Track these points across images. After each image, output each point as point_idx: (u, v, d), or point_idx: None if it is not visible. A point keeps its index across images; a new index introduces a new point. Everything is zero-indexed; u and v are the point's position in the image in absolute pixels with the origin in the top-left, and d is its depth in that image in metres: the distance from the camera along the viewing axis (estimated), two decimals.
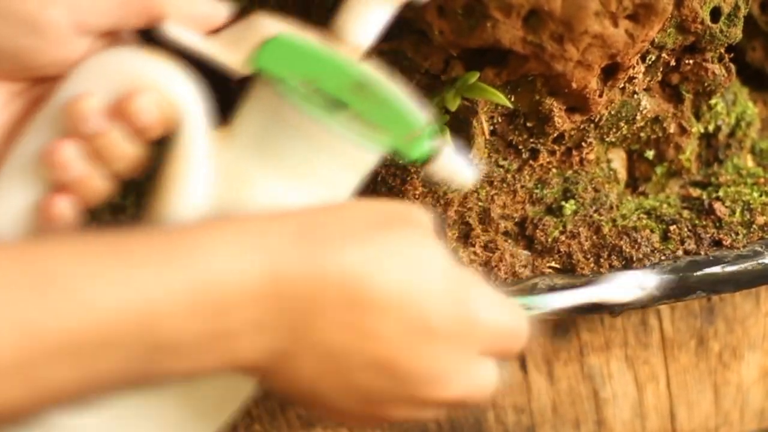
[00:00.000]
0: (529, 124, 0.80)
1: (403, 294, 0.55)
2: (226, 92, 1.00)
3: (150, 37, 0.67)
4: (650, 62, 0.81)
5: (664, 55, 0.81)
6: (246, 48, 0.64)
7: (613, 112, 0.82)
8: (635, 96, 0.82)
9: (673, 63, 0.82)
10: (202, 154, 0.65)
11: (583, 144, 0.83)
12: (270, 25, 0.64)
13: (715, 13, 0.80)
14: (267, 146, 0.65)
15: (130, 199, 0.94)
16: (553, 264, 0.78)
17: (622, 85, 0.80)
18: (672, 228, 0.80)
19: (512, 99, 0.78)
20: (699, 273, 0.77)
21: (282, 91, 0.64)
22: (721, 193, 0.84)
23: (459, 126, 0.79)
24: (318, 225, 0.56)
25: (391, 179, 0.80)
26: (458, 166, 0.68)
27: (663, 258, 0.78)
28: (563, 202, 0.81)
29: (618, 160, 0.87)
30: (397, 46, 0.77)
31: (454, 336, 0.56)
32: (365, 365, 0.55)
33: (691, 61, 0.82)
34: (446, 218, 0.80)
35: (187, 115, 0.64)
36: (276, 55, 0.64)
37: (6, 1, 0.59)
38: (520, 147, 0.81)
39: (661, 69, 0.82)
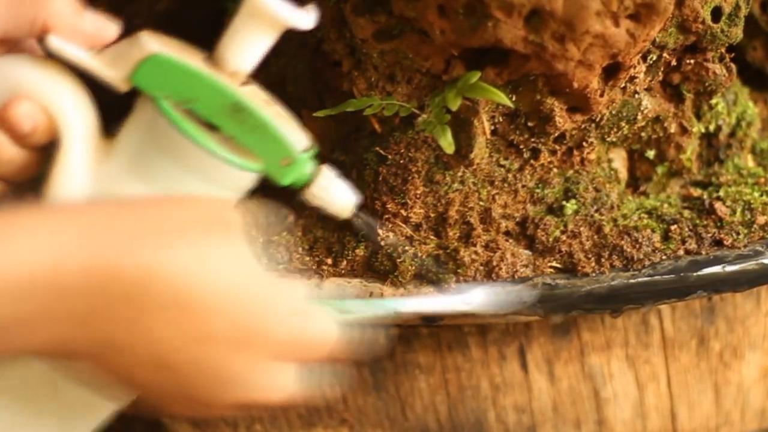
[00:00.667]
0: (530, 124, 0.80)
1: (223, 300, 0.56)
2: None
3: None
4: (651, 62, 0.81)
5: (665, 54, 0.81)
6: (126, 65, 0.66)
7: (614, 112, 0.82)
8: (636, 96, 0.82)
9: (674, 63, 0.82)
10: (78, 163, 0.66)
11: (584, 144, 0.83)
12: (151, 44, 0.66)
13: (716, 13, 0.80)
14: (141, 161, 0.67)
15: None
16: (554, 264, 0.79)
17: (623, 84, 0.80)
18: (673, 228, 0.80)
19: (513, 99, 0.78)
20: (700, 273, 0.77)
21: (158, 109, 0.65)
22: (721, 193, 0.84)
23: (460, 126, 0.79)
24: (145, 223, 0.58)
25: (392, 179, 0.80)
26: (334, 194, 0.71)
27: (664, 258, 0.78)
28: (564, 202, 0.81)
29: (619, 160, 0.87)
30: (397, 46, 0.77)
31: (238, 342, 0.57)
32: (186, 365, 0.57)
33: (692, 61, 0.83)
34: (447, 218, 0.80)
35: (66, 123, 0.66)
36: (152, 74, 0.65)
37: None
38: (521, 147, 0.81)
39: (662, 69, 0.82)
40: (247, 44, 0.68)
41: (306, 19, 0.67)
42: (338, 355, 0.63)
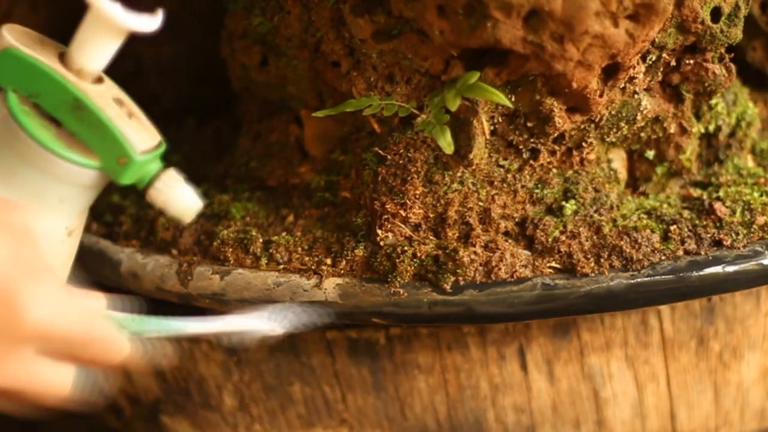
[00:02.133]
0: (529, 124, 0.80)
1: None
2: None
3: None
4: (651, 62, 0.81)
5: (664, 55, 0.81)
6: None
7: (613, 112, 0.82)
8: (636, 96, 0.82)
9: (673, 63, 0.82)
10: None
11: (584, 144, 0.83)
12: (8, 37, 0.69)
13: (716, 13, 0.80)
14: None
15: (131, 199, 0.94)
16: (553, 264, 0.78)
17: (622, 85, 0.80)
18: (672, 228, 0.80)
19: (512, 99, 0.78)
20: (699, 273, 0.77)
21: (5, 103, 0.69)
22: (721, 193, 0.84)
23: (459, 126, 0.79)
24: None
25: (391, 179, 0.80)
26: (176, 196, 0.73)
27: (663, 258, 0.78)
28: (563, 202, 0.81)
29: (618, 160, 0.87)
30: (396, 47, 0.77)
31: None
32: None
33: (691, 61, 0.83)
34: (446, 218, 0.80)
35: None
36: (4, 67, 0.69)
37: None
38: (521, 147, 0.81)
39: (661, 69, 0.82)
40: (94, 46, 0.71)
41: (149, 23, 0.70)
42: (116, 362, 0.65)
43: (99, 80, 0.73)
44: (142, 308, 0.74)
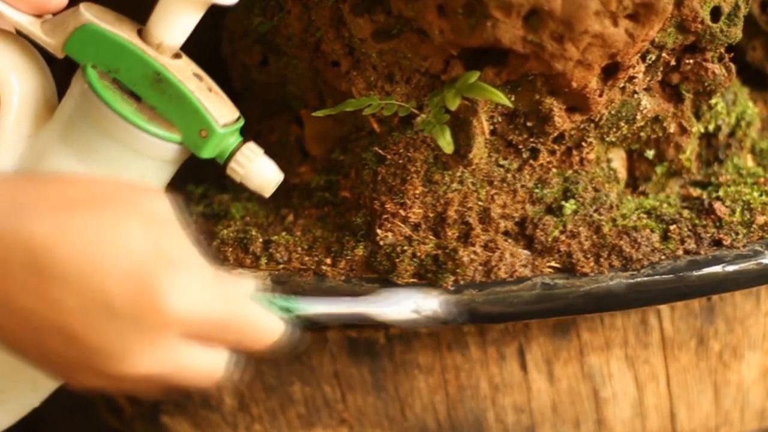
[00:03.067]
0: (529, 124, 0.80)
1: (84, 269, 0.58)
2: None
3: None
4: (650, 62, 0.81)
5: (664, 54, 0.81)
6: (63, 33, 0.70)
7: (613, 112, 0.82)
8: (635, 95, 0.82)
9: (673, 62, 0.82)
10: (13, 130, 0.71)
11: (583, 143, 0.83)
12: (86, 14, 0.70)
13: (715, 13, 0.80)
14: (71, 130, 0.70)
15: None
16: (553, 264, 0.78)
17: (622, 84, 0.80)
18: (672, 227, 0.80)
19: (512, 98, 0.78)
20: (699, 272, 0.77)
21: (85, 78, 0.69)
22: (721, 193, 0.84)
23: (459, 125, 0.79)
24: (21, 191, 0.60)
25: (391, 179, 0.80)
26: (256, 170, 0.73)
27: (663, 258, 0.78)
28: (563, 202, 0.81)
29: (618, 160, 0.87)
30: (396, 46, 0.77)
31: (135, 316, 0.59)
32: (48, 330, 0.59)
33: (691, 61, 0.83)
34: (446, 218, 0.80)
35: (5, 90, 0.70)
36: (82, 42, 0.69)
37: None
38: (520, 146, 0.81)
39: (661, 68, 0.82)
40: (173, 20, 0.71)
41: None
42: (255, 345, 0.65)
43: (177, 56, 0.73)
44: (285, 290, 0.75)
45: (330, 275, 0.79)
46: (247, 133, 0.96)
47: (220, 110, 0.72)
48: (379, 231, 0.80)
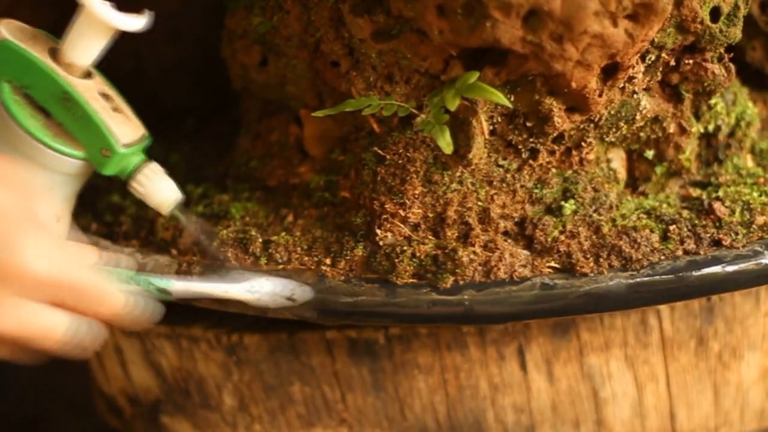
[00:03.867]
0: (528, 124, 0.80)
1: None
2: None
3: None
4: (650, 62, 0.81)
5: (663, 54, 0.81)
6: None
7: (612, 112, 0.82)
8: (635, 96, 0.82)
9: (672, 63, 0.82)
10: None
11: (583, 144, 0.83)
12: (3, 31, 0.75)
13: (715, 13, 0.80)
14: None
15: (131, 199, 0.94)
16: (552, 264, 0.78)
17: (621, 84, 0.80)
18: (672, 228, 0.80)
19: (512, 99, 0.78)
20: (698, 273, 0.77)
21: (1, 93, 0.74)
22: (720, 193, 0.84)
23: (458, 126, 0.79)
24: None
25: (390, 179, 0.80)
26: (156, 188, 0.78)
27: (662, 258, 0.78)
28: (563, 202, 0.81)
29: (618, 160, 0.87)
30: (395, 46, 0.77)
31: None
32: None
33: (690, 61, 0.82)
34: (445, 218, 0.80)
35: None
36: (1, 58, 0.74)
37: None
38: (520, 147, 0.81)
39: (660, 69, 0.82)
40: (84, 42, 0.75)
41: (136, 23, 0.75)
42: (108, 315, 0.69)
43: (88, 75, 0.78)
44: (137, 266, 0.79)
45: (330, 275, 0.79)
46: (247, 133, 0.97)
47: (124, 130, 0.76)
48: (378, 231, 0.80)
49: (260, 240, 0.83)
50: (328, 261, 0.81)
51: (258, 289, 0.78)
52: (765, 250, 0.79)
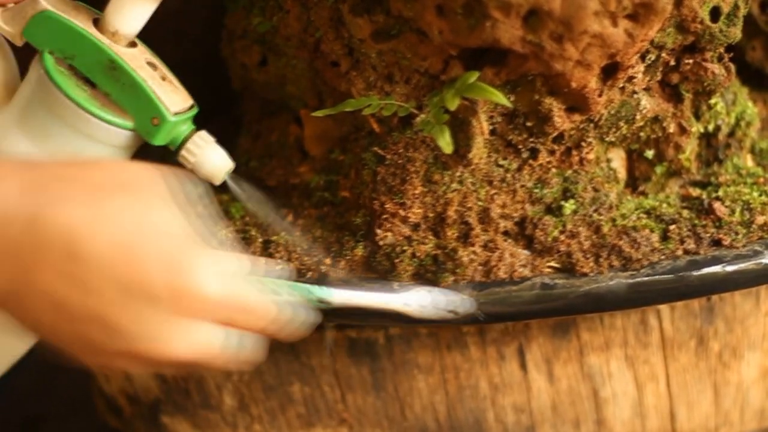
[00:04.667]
0: (528, 124, 0.80)
1: (117, 253, 0.58)
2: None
3: None
4: (650, 62, 0.81)
5: (663, 54, 0.81)
6: (22, 21, 0.72)
7: (612, 112, 0.82)
8: (635, 95, 0.82)
9: (672, 63, 0.82)
10: None
11: (583, 143, 0.83)
12: (44, 2, 0.72)
13: (715, 13, 0.80)
14: (28, 116, 0.72)
15: None
16: (552, 264, 0.79)
17: (621, 84, 0.80)
18: (672, 228, 0.80)
19: (512, 99, 0.78)
20: (698, 273, 0.77)
21: (41, 63, 0.72)
22: (720, 193, 0.84)
23: (458, 126, 0.79)
24: (53, 179, 0.60)
25: (390, 179, 0.80)
26: (207, 157, 0.75)
27: (662, 258, 0.78)
28: (563, 202, 0.81)
29: (617, 160, 0.87)
30: (395, 46, 0.77)
31: (167, 300, 0.59)
32: (83, 316, 0.59)
33: (690, 61, 0.82)
34: (445, 218, 0.80)
35: None
36: (40, 29, 0.71)
37: None
38: (520, 147, 0.81)
39: (660, 68, 0.82)
40: (128, 9, 0.73)
41: None
42: (268, 328, 0.66)
43: (132, 44, 0.75)
44: (291, 274, 0.77)
45: (329, 275, 0.79)
46: (247, 133, 0.97)
47: (173, 98, 0.74)
48: (378, 231, 0.80)
49: (260, 240, 0.83)
50: (328, 261, 0.81)
51: (418, 301, 0.75)
52: (765, 250, 0.79)
